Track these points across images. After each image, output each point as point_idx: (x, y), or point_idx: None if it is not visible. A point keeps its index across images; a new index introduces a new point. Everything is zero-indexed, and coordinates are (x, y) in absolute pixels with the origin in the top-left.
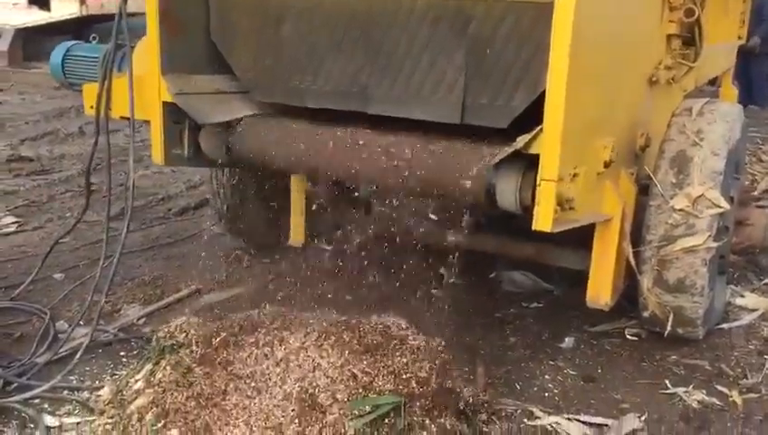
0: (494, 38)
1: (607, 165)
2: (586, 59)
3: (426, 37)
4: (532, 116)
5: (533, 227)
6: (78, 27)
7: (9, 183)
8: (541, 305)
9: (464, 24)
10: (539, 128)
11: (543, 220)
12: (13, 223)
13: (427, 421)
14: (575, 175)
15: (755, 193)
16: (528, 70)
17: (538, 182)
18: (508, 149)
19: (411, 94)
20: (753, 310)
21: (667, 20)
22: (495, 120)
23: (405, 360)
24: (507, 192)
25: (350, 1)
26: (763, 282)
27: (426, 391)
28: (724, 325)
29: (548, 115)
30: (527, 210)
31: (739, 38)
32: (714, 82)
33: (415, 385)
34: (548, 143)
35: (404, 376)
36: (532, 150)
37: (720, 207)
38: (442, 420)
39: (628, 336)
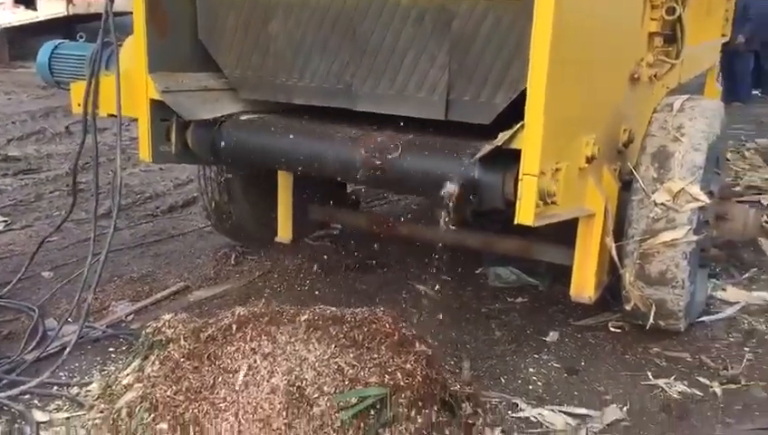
0: (476, 36)
1: (589, 160)
2: (566, 56)
3: (410, 35)
4: (515, 112)
5: (516, 221)
6: (65, 26)
7: None
8: (526, 300)
9: (447, 23)
10: (520, 124)
11: (525, 214)
12: (0, 222)
13: (413, 413)
14: (557, 170)
15: (739, 189)
16: (510, 67)
17: (520, 177)
18: (490, 146)
19: (396, 91)
20: (735, 303)
21: (649, 18)
22: (479, 116)
23: (390, 353)
24: (491, 187)
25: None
26: (745, 276)
27: (411, 383)
28: (706, 318)
29: (529, 111)
30: (510, 205)
31: (723, 36)
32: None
33: (400, 377)
34: (529, 139)
35: (390, 369)
36: (514, 146)
37: (700, 201)
38: (427, 411)
39: (611, 329)
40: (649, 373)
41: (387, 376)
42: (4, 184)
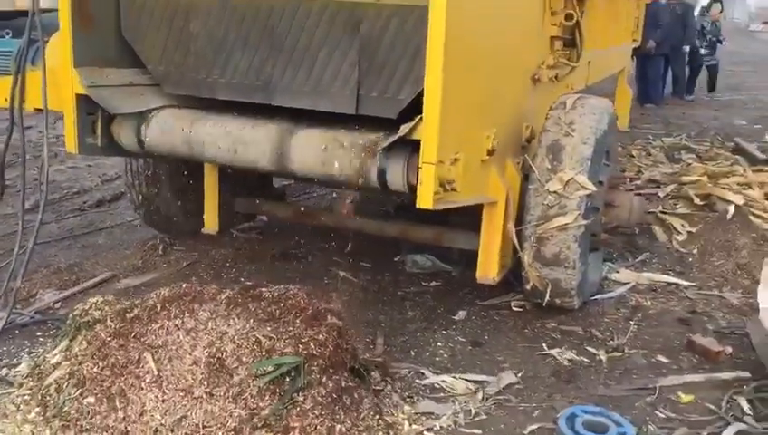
0: (382, 37)
1: (490, 153)
2: (460, 57)
3: (323, 36)
4: (419, 107)
5: (417, 205)
6: None
7: None
8: (439, 284)
9: (356, 24)
10: (419, 117)
11: (425, 199)
12: None
13: (324, 379)
14: (456, 160)
15: (640, 182)
16: (413, 66)
17: (420, 165)
18: (393, 137)
19: (311, 87)
20: (626, 283)
21: (549, 23)
22: (386, 110)
23: (304, 325)
24: (395, 174)
25: (253, 0)
26: (638, 259)
27: (323, 353)
28: (599, 296)
29: (426, 106)
30: (413, 190)
31: (634, 41)
32: None
33: (313, 347)
34: (427, 130)
35: (303, 339)
36: (415, 137)
37: (587, 189)
38: (337, 377)
39: (513, 308)
40: (544, 344)
41: (301, 346)
42: None
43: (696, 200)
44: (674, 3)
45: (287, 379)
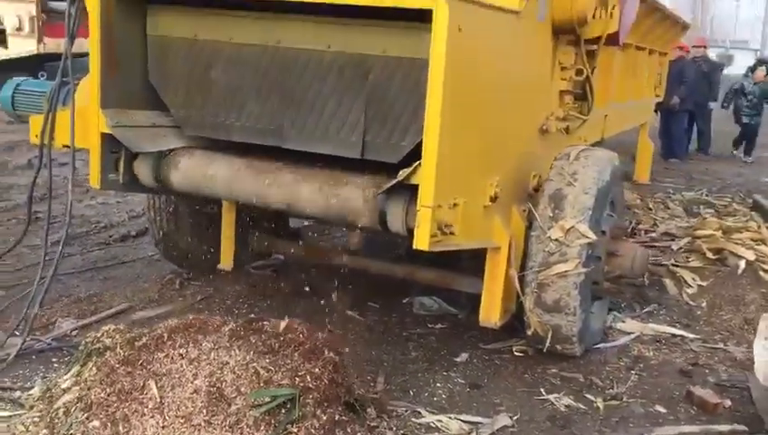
0: (388, 88)
1: (493, 199)
2: (460, 108)
3: (332, 85)
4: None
5: (413, 247)
6: (35, 65)
7: None
8: (444, 326)
9: (364, 76)
10: (417, 162)
11: (421, 240)
12: None
13: (318, 411)
14: (455, 204)
15: (654, 235)
16: (416, 115)
17: (417, 208)
18: (393, 181)
19: (320, 132)
20: (630, 333)
21: (559, 78)
22: (389, 156)
23: (302, 359)
24: (395, 216)
25: (268, 50)
26: (645, 310)
27: (318, 386)
28: (602, 345)
29: (424, 152)
30: (411, 233)
31: (656, 96)
32: None
33: (309, 380)
34: (424, 175)
35: (300, 372)
36: (414, 181)
37: (588, 238)
38: (331, 410)
39: (515, 353)
40: (543, 390)
41: (297, 379)
42: None
43: (709, 254)
44: (699, 60)
45: (282, 410)
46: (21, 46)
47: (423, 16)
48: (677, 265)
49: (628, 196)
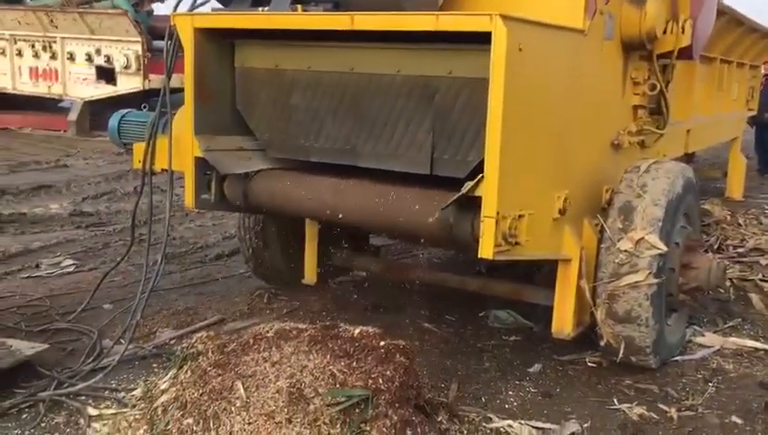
0: (454, 107)
1: (562, 212)
2: (521, 124)
3: (402, 105)
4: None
5: (478, 256)
6: (141, 99)
7: (71, 233)
8: (519, 338)
9: (431, 95)
10: (480, 175)
11: (486, 250)
12: (71, 265)
13: (390, 411)
14: (520, 216)
15: (743, 250)
16: (480, 131)
17: (481, 218)
18: (458, 194)
19: (391, 151)
20: (709, 347)
21: (632, 93)
22: (456, 171)
23: (375, 362)
24: (462, 228)
25: (342, 78)
26: (728, 325)
27: (390, 388)
28: (679, 358)
29: (486, 166)
30: (478, 243)
31: (749, 110)
32: None
33: (381, 382)
34: (487, 187)
35: (373, 375)
36: (478, 193)
37: (658, 248)
38: (402, 410)
39: (589, 364)
40: (615, 400)
41: (370, 381)
42: (77, 234)
43: None
44: None
45: (357, 410)
46: (128, 83)
47: (488, 38)
48: (765, 280)
49: (717, 211)
